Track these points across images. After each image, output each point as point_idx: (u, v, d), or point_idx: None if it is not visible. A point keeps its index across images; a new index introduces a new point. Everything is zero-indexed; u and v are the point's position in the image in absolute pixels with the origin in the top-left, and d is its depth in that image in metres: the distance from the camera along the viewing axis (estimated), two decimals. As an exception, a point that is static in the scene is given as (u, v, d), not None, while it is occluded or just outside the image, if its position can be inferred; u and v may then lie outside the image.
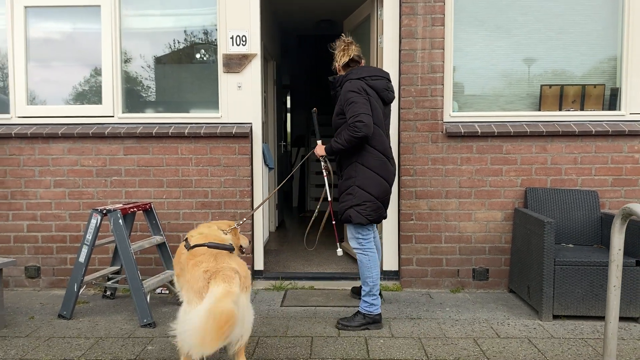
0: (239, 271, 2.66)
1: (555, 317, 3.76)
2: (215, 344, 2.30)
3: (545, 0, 4.48)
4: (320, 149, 3.71)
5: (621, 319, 3.72)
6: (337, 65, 3.66)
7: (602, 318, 3.66)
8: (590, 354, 3.15)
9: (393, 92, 3.60)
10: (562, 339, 3.40)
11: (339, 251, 3.72)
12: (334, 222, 3.82)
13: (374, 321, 3.55)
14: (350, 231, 3.64)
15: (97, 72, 4.62)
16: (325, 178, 3.79)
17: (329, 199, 3.78)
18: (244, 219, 3.57)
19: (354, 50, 3.61)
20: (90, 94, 4.66)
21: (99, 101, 4.61)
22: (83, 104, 4.65)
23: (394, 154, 3.89)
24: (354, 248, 3.63)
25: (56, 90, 4.67)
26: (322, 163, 3.80)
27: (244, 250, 3.41)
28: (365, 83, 3.45)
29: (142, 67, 4.67)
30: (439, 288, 4.47)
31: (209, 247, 2.88)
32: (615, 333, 2.20)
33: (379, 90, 3.49)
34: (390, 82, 3.60)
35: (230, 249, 2.94)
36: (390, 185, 3.57)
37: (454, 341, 3.35)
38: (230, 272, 2.61)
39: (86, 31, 4.61)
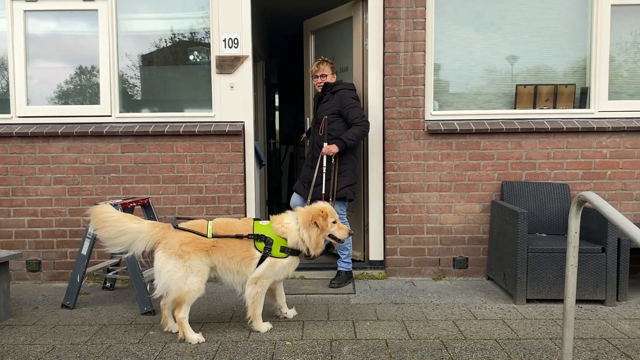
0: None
1: (529, 300, 4.05)
2: None
3: (521, 4, 4.76)
4: (333, 147, 4.28)
5: (589, 301, 4.03)
6: (331, 75, 4.50)
7: (571, 301, 3.96)
8: (558, 332, 3.44)
9: None
10: (534, 319, 3.69)
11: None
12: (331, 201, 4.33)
13: (351, 276, 4.57)
14: (335, 209, 4.10)
15: (95, 73, 4.82)
16: (324, 174, 4.34)
17: (323, 191, 4.33)
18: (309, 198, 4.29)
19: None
20: (88, 94, 4.86)
21: (97, 101, 4.81)
22: (82, 104, 4.85)
23: (379, 151, 4.71)
24: None
25: (55, 90, 4.86)
26: (328, 158, 4.35)
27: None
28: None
29: (138, 69, 4.87)
30: (421, 276, 4.75)
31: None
32: (573, 306, 2.48)
33: None
34: None
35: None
36: None
37: (434, 323, 3.63)
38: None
39: (84, 34, 4.80)
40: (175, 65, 4.89)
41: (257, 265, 3.36)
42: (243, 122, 4.77)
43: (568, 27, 4.79)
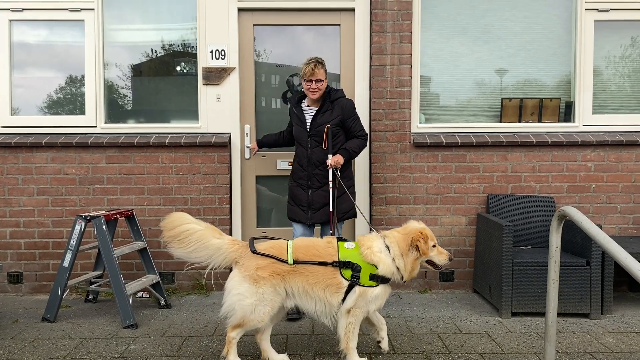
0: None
1: (514, 314, 4.04)
2: None
3: (506, 19, 4.81)
4: (339, 158, 3.89)
5: (573, 314, 4.04)
6: (325, 81, 3.99)
7: (558, 314, 3.95)
8: (542, 347, 3.43)
9: None
10: (519, 333, 3.68)
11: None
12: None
13: None
14: (340, 228, 4.00)
15: (81, 83, 4.79)
16: (331, 188, 3.95)
17: (331, 209, 3.93)
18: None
19: None
20: (73, 105, 4.83)
21: (82, 112, 4.78)
22: (67, 114, 4.81)
23: (366, 163, 4.62)
24: None
25: (40, 101, 4.83)
26: (335, 172, 3.93)
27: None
28: None
29: (124, 79, 4.85)
30: (407, 289, 4.73)
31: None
32: (555, 321, 2.48)
33: None
34: None
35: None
36: None
37: (419, 337, 3.60)
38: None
39: (70, 44, 4.78)
40: (161, 76, 4.87)
41: (345, 294, 3.02)
42: (229, 133, 4.76)
43: (553, 42, 4.84)
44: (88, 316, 4.09)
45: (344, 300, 3.02)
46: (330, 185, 3.95)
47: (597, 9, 4.73)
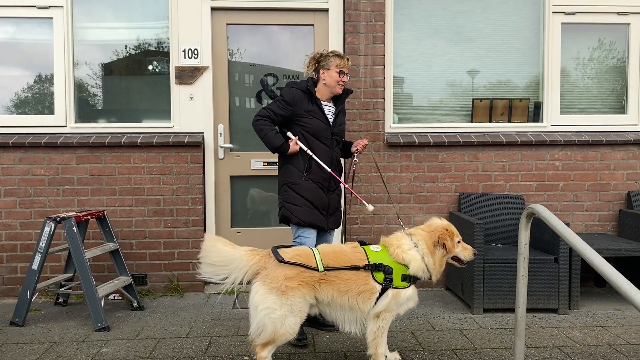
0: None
1: (486, 310, 4.12)
2: None
3: (477, 21, 4.90)
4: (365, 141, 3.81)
5: (542, 310, 4.14)
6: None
7: (528, 310, 4.05)
8: (513, 342, 3.51)
9: None
10: (490, 329, 3.76)
11: (370, 207, 3.61)
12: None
13: None
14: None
15: (50, 82, 4.69)
16: (343, 184, 3.89)
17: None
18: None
19: None
20: (42, 104, 4.73)
21: (51, 111, 4.68)
22: (35, 114, 4.71)
23: (341, 163, 4.25)
24: None
25: (6, 100, 4.71)
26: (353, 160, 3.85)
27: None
28: None
29: (95, 78, 4.77)
30: (382, 288, 4.76)
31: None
32: (524, 316, 2.54)
33: None
34: None
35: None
36: None
37: (393, 334, 3.64)
38: None
39: (38, 42, 4.67)
40: (133, 75, 4.81)
41: (377, 299, 2.90)
42: (203, 133, 4.72)
43: (522, 44, 4.95)
44: (58, 319, 4.01)
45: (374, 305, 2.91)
46: (342, 182, 3.77)
47: (564, 12, 4.86)
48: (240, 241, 4.88)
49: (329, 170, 3.60)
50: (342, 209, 3.75)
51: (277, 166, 3.79)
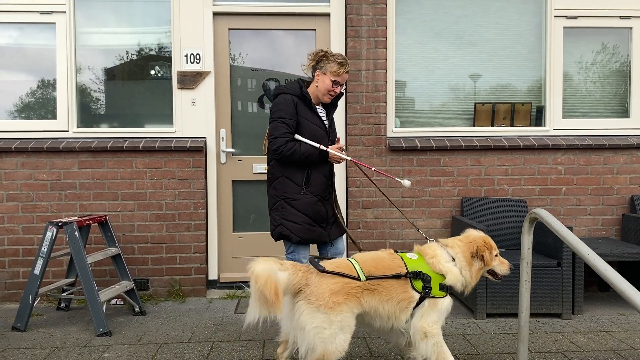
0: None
1: (489, 315, 4.10)
2: None
3: (478, 25, 4.90)
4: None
5: (546, 315, 4.11)
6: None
7: (531, 315, 4.03)
8: (516, 347, 3.48)
9: None
10: (493, 334, 3.74)
11: (407, 182, 3.45)
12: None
13: None
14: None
15: (52, 87, 4.71)
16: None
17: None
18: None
19: None
20: (44, 109, 4.74)
21: (53, 116, 4.69)
22: (37, 118, 4.72)
23: (342, 166, 4.21)
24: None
25: (9, 105, 4.72)
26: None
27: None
28: None
29: (97, 83, 4.78)
30: (384, 292, 4.75)
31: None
32: (527, 321, 2.52)
33: None
34: None
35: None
36: None
37: (395, 339, 3.62)
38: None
39: (41, 47, 4.69)
40: (136, 80, 4.81)
41: (414, 309, 2.80)
42: (205, 137, 4.72)
43: (524, 48, 4.95)
44: (60, 324, 4.00)
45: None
46: (373, 168, 3.61)
47: (566, 16, 4.85)
48: (242, 246, 4.89)
49: (350, 159, 3.39)
50: (343, 214, 3.62)
51: (267, 177, 3.45)
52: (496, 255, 2.97)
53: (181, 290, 4.65)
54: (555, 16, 4.84)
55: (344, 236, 3.69)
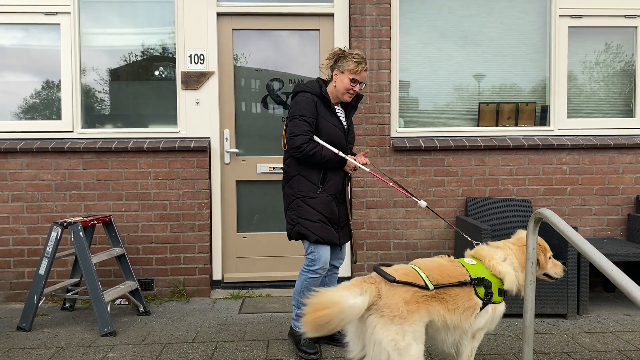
0: None
1: (493, 315, 4.09)
2: None
3: (483, 25, 4.89)
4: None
5: (551, 315, 4.10)
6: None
7: (536, 315, 4.02)
8: (520, 347, 3.47)
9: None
10: (498, 335, 3.72)
11: (423, 203, 3.44)
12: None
13: None
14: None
15: (57, 88, 4.72)
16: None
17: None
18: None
19: None
20: (49, 109, 4.75)
21: (58, 117, 4.71)
22: (42, 119, 4.73)
23: None
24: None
25: (14, 105, 4.74)
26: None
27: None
28: None
29: (102, 84, 4.79)
30: (388, 292, 4.74)
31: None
32: (532, 321, 2.51)
33: None
34: None
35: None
36: None
37: (400, 340, 3.61)
38: None
39: (46, 48, 4.71)
40: (139, 80, 4.83)
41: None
42: (209, 138, 4.73)
43: (528, 48, 4.93)
44: (65, 324, 4.02)
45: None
46: (388, 181, 3.58)
47: (570, 16, 4.84)
48: (246, 246, 4.89)
49: (368, 170, 3.39)
50: (350, 222, 3.57)
51: (283, 175, 3.45)
52: (549, 258, 2.91)
53: (185, 291, 4.66)
54: (559, 15, 4.82)
55: (348, 243, 3.66)
